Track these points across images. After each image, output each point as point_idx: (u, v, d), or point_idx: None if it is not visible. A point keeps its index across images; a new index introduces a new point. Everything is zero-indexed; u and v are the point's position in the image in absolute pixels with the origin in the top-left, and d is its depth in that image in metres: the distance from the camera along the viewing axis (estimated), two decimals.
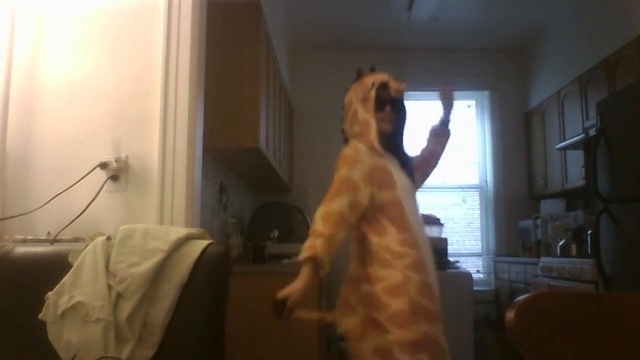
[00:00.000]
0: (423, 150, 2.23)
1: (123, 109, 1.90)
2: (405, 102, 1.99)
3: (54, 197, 1.78)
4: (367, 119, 1.84)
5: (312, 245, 1.52)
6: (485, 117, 5.58)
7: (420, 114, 5.65)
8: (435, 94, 2.27)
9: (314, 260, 1.51)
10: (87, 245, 1.43)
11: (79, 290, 1.32)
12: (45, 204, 1.78)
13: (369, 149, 1.78)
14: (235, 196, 3.68)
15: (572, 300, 1.06)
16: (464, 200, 5.51)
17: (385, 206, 1.74)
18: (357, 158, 1.74)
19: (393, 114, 1.90)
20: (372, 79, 1.90)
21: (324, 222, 1.58)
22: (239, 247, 3.13)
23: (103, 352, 1.25)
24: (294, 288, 1.47)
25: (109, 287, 1.33)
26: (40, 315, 1.32)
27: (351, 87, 1.95)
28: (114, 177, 1.85)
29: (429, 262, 1.78)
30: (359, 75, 1.96)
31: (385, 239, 1.71)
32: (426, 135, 2.29)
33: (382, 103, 1.86)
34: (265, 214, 4.30)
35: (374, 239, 1.72)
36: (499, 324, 4.43)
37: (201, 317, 1.34)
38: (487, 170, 5.50)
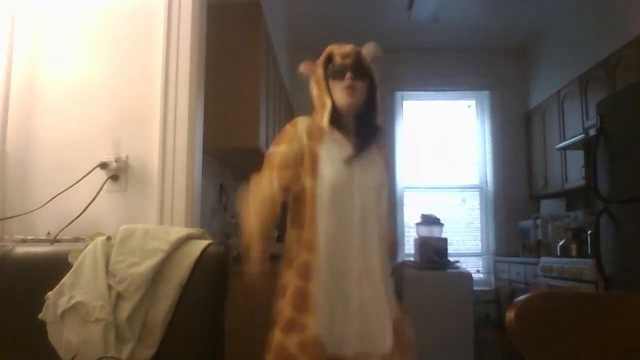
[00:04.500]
0: None
1: (123, 109, 1.90)
2: (373, 69, 1.72)
3: (54, 197, 1.78)
4: (319, 95, 1.68)
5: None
6: (485, 117, 5.58)
7: (420, 114, 5.66)
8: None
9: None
10: (87, 245, 1.43)
11: (79, 290, 1.32)
12: (45, 204, 1.78)
13: (312, 127, 1.63)
14: (235, 196, 3.68)
15: (572, 300, 1.06)
16: (464, 201, 5.51)
17: (297, 194, 1.59)
18: (293, 135, 1.62)
19: (357, 82, 1.64)
20: (326, 51, 1.73)
21: (253, 214, 1.57)
22: (239, 247, 3.12)
23: (103, 352, 1.25)
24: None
25: (109, 287, 1.33)
26: (40, 315, 1.32)
27: (311, 66, 1.77)
28: (114, 177, 1.85)
29: (328, 268, 1.52)
30: (319, 54, 1.77)
31: (293, 232, 1.60)
32: None
33: (340, 71, 1.64)
34: None
35: (288, 229, 1.63)
36: (499, 324, 4.43)
37: (201, 317, 1.34)
38: (487, 170, 5.50)
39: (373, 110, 1.70)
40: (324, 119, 1.61)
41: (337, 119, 1.63)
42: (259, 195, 1.60)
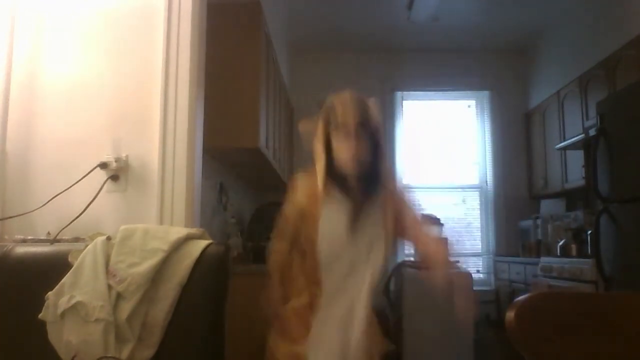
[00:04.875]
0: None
1: (123, 109, 1.90)
2: (376, 124, 1.64)
3: (54, 197, 1.78)
4: (318, 151, 1.65)
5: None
6: (485, 117, 5.58)
7: (420, 114, 5.66)
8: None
9: None
10: (87, 245, 1.43)
11: (79, 290, 1.32)
12: (45, 204, 1.78)
13: (310, 187, 1.65)
14: (235, 196, 3.68)
15: (572, 300, 1.06)
16: (464, 200, 5.51)
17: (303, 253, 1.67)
18: (293, 198, 1.69)
19: (361, 142, 1.58)
20: (328, 110, 1.66)
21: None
22: (239, 247, 3.13)
23: (103, 352, 1.25)
24: None
25: (109, 287, 1.33)
26: (40, 315, 1.32)
27: (310, 122, 1.74)
28: (114, 177, 1.85)
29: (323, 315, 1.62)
30: (321, 107, 1.72)
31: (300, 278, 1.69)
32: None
33: (347, 133, 1.59)
34: (265, 214, 4.29)
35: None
36: (499, 324, 4.43)
37: (201, 317, 1.34)
38: (487, 170, 5.50)
39: (377, 162, 1.65)
40: (319, 184, 1.62)
41: (337, 179, 1.63)
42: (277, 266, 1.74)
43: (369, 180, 1.63)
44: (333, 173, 1.63)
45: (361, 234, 1.63)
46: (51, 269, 1.39)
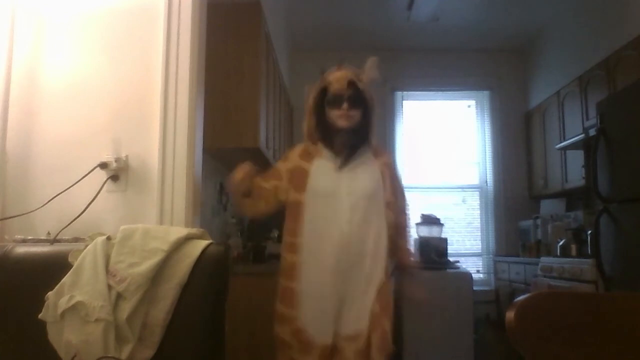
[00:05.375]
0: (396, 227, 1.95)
1: (123, 109, 1.90)
2: (370, 96, 1.89)
3: (54, 197, 1.78)
4: (307, 118, 1.94)
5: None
6: (485, 117, 5.58)
7: (420, 114, 5.66)
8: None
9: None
10: (87, 245, 1.43)
11: (79, 290, 1.32)
12: (45, 204, 1.78)
13: (303, 150, 1.91)
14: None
15: (572, 300, 1.06)
16: (464, 200, 5.51)
17: (289, 206, 1.86)
18: (287, 157, 1.95)
19: (352, 110, 1.83)
20: (324, 78, 1.91)
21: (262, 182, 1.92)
22: (239, 247, 3.13)
23: (103, 352, 1.25)
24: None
25: (109, 287, 1.33)
26: (40, 315, 1.32)
27: (310, 91, 1.97)
28: (114, 177, 1.84)
29: (310, 268, 1.77)
30: (322, 74, 1.96)
31: (284, 240, 1.87)
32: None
33: (337, 100, 1.84)
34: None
35: (282, 239, 1.89)
36: (499, 324, 4.43)
37: (201, 317, 1.34)
38: (487, 170, 5.50)
39: (367, 130, 1.90)
40: (305, 138, 1.91)
41: (324, 135, 1.87)
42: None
43: (357, 137, 1.86)
44: (323, 132, 1.88)
45: (356, 185, 1.81)
46: (51, 269, 1.39)
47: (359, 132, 1.87)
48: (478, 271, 5.37)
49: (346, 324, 1.75)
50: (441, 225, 4.19)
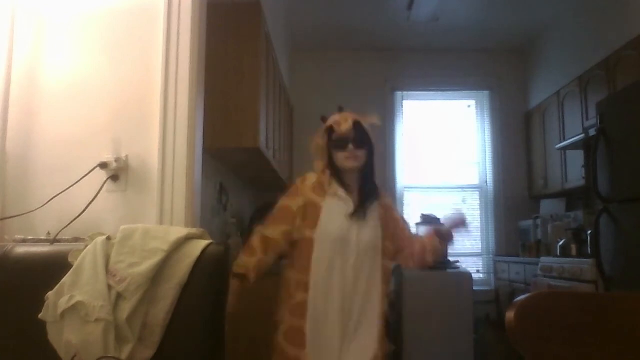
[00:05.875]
0: (407, 241, 2.03)
1: (123, 109, 1.90)
2: (371, 137, 1.92)
3: (54, 197, 1.78)
4: (322, 160, 1.94)
5: (245, 265, 1.83)
6: (485, 117, 5.58)
7: (420, 114, 5.66)
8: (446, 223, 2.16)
9: (243, 277, 1.81)
10: (87, 245, 1.43)
11: (79, 290, 1.32)
12: (45, 204, 1.78)
13: (316, 184, 1.89)
14: (235, 196, 3.68)
15: (572, 300, 1.06)
16: (464, 200, 5.51)
17: (299, 242, 1.84)
18: (299, 191, 1.89)
19: (358, 151, 1.86)
20: (329, 123, 1.93)
21: (261, 243, 1.86)
22: (239, 247, 3.12)
23: (103, 352, 1.25)
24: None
25: (109, 287, 1.33)
26: (40, 315, 1.32)
27: (317, 133, 1.98)
28: (114, 177, 1.84)
29: (318, 308, 1.76)
30: (323, 121, 1.98)
31: (289, 273, 1.86)
32: (417, 237, 2.08)
33: (343, 143, 1.86)
34: (265, 214, 4.28)
35: (286, 270, 1.89)
36: (499, 324, 4.43)
37: (201, 317, 1.34)
38: (487, 170, 5.50)
39: (372, 172, 1.93)
40: (322, 178, 1.89)
41: (339, 179, 1.88)
42: (260, 237, 1.89)
43: (367, 185, 1.90)
44: (333, 172, 1.89)
45: (364, 234, 1.82)
46: (51, 269, 1.39)
47: (366, 172, 1.91)
48: (478, 271, 5.37)
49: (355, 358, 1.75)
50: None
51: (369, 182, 1.92)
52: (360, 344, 1.76)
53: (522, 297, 1.00)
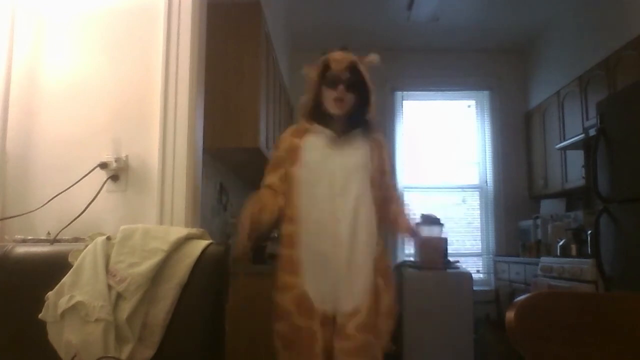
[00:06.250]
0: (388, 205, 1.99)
1: (123, 109, 1.90)
2: (366, 80, 1.92)
3: (54, 197, 1.78)
4: (307, 95, 1.96)
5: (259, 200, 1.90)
6: (485, 117, 5.58)
7: (420, 114, 5.66)
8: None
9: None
10: (87, 245, 1.43)
11: (79, 290, 1.32)
12: (45, 204, 1.78)
13: (297, 128, 1.94)
14: (235, 196, 3.68)
15: (572, 300, 1.06)
16: (464, 200, 5.51)
17: (287, 180, 1.90)
18: (281, 140, 1.97)
19: (347, 94, 1.86)
20: (324, 58, 1.94)
21: (266, 190, 1.93)
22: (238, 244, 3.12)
23: (103, 352, 1.25)
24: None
25: (109, 287, 1.33)
26: (40, 315, 1.32)
27: (313, 65, 1.99)
28: (114, 177, 1.84)
29: (310, 237, 1.81)
30: (323, 54, 1.99)
31: (284, 213, 1.89)
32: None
33: (334, 81, 1.87)
34: None
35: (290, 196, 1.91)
36: (499, 324, 4.43)
37: (201, 317, 1.34)
38: (487, 170, 5.50)
39: (364, 110, 1.92)
40: (303, 117, 1.93)
41: (320, 117, 1.89)
42: (258, 196, 1.92)
43: (352, 119, 1.90)
44: (319, 114, 1.91)
45: (347, 158, 1.85)
46: (51, 269, 1.39)
47: (352, 117, 1.90)
48: (478, 271, 5.37)
49: (346, 300, 1.77)
50: (441, 225, 4.18)
51: (356, 125, 1.91)
52: (356, 280, 1.78)
53: (522, 297, 1.00)
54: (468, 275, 3.97)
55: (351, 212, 1.81)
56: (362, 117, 1.93)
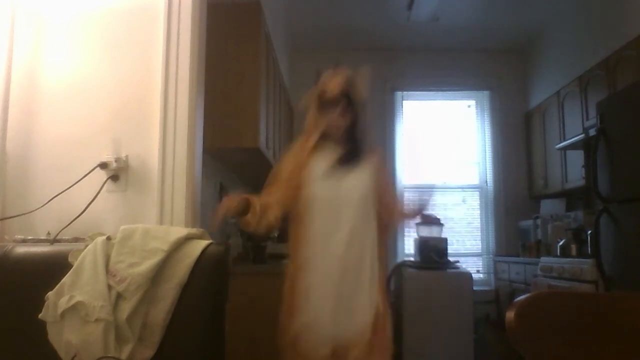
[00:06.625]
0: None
1: (123, 109, 1.90)
2: (359, 97, 1.97)
3: (54, 197, 1.78)
4: (312, 119, 1.98)
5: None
6: (485, 117, 5.58)
7: (420, 114, 5.66)
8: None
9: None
10: (87, 245, 1.43)
11: (79, 290, 1.32)
12: (45, 204, 1.78)
13: (300, 146, 1.95)
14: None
15: (572, 300, 1.06)
16: (464, 200, 5.51)
17: (298, 206, 1.88)
18: (285, 158, 1.97)
19: (342, 118, 1.91)
20: (320, 84, 1.97)
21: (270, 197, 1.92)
22: (239, 247, 3.12)
23: (103, 352, 1.25)
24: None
25: (109, 287, 1.33)
26: (40, 315, 1.32)
27: (310, 91, 2.02)
28: (114, 177, 1.84)
29: (312, 265, 1.80)
30: (318, 76, 2.02)
31: (293, 233, 1.88)
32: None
33: (329, 107, 1.91)
34: None
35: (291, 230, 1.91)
36: (499, 324, 4.43)
37: (201, 317, 1.34)
38: (487, 170, 5.50)
39: (359, 130, 1.95)
40: (311, 139, 1.93)
41: (324, 142, 1.91)
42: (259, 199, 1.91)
43: (350, 142, 1.93)
44: (322, 136, 1.93)
45: (346, 179, 1.86)
46: (51, 269, 1.39)
47: (351, 135, 1.94)
48: (478, 271, 5.37)
49: (348, 324, 1.76)
50: (441, 225, 4.18)
51: (354, 138, 1.94)
52: (358, 304, 1.78)
53: (522, 297, 1.00)
54: (468, 275, 3.97)
55: (359, 243, 1.82)
56: (360, 135, 1.97)
